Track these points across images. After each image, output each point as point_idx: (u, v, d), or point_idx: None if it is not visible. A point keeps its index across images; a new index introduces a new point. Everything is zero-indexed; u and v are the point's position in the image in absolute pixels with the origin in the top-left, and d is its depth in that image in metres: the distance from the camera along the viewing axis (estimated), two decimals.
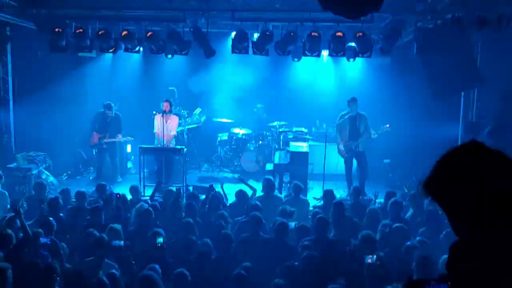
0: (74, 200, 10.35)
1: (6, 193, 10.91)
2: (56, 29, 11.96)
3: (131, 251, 7.62)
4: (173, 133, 13.52)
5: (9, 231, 7.76)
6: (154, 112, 13.75)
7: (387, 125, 13.52)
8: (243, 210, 9.63)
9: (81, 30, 11.96)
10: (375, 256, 6.91)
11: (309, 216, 9.60)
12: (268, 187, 10.66)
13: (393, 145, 14.61)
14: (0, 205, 10.58)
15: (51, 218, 8.45)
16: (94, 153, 14.20)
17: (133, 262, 7.30)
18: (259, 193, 10.87)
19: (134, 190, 10.90)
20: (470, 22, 10.42)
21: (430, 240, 8.12)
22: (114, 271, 6.92)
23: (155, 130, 13.32)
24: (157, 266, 7.01)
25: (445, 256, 6.98)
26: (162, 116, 13.05)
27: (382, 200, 10.78)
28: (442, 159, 2.03)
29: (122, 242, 7.33)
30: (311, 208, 10.75)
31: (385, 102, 14.63)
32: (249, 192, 10.63)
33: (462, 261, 1.92)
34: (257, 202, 9.59)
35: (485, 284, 1.85)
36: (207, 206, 9.91)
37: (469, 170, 1.94)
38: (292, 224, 8.90)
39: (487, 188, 1.90)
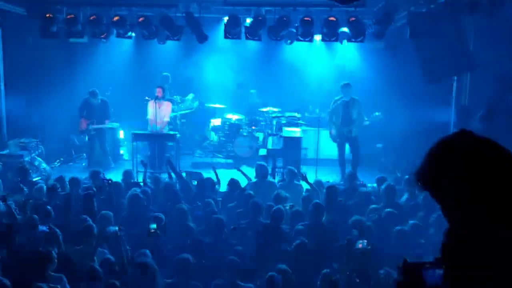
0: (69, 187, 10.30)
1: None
2: (47, 15, 11.88)
3: (125, 237, 7.61)
4: (166, 119, 13.50)
5: None
6: (146, 98, 13.65)
7: (378, 113, 13.47)
8: (235, 197, 9.68)
9: (72, 16, 11.89)
10: (365, 241, 6.93)
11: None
12: (261, 172, 10.68)
13: (385, 129, 14.60)
14: None
15: (48, 207, 8.44)
16: (86, 139, 14.15)
17: (128, 248, 7.29)
18: (253, 179, 10.88)
19: (127, 174, 10.87)
20: (462, 6, 10.39)
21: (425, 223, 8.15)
22: (108, 256, 6.93)
23: (148, 116, 13.30)
24: (147, 252, 7.03)
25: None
26: (155, 102, 13.02)
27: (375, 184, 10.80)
28: (432, 150, 2.04)
29: (117, 228, 7.33)
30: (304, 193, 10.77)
31: (378, 87, 14.60)
32: (244, 181, 10.64)
33: (455, 247, 1.94)
34: (250, 192, 9.57)
35: (478, 270, 1.87)
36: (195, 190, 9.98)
37: (458, 159, 1.95)
38: (287, 206, 8.97)
39: (475, 177, 1.91)
